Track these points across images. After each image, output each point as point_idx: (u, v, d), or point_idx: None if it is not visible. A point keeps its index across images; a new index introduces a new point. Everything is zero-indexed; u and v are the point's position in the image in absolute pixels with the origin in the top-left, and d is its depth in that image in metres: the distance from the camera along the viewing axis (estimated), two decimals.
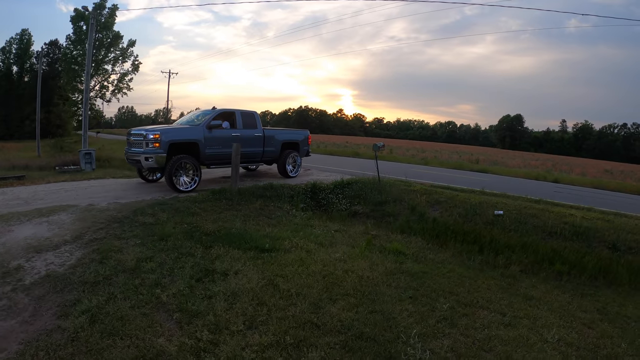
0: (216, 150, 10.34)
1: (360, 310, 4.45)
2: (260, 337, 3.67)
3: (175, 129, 10.35)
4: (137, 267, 5.07)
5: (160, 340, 3.60)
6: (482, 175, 19.66)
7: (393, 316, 4.42)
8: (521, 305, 5.35)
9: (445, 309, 4.81)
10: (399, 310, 4.59)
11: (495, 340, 4.25)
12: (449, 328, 4.36)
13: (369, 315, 4.35)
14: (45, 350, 3.48)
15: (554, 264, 7.48)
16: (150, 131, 9.61)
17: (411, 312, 4.58)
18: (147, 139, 9.40)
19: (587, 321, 5.12)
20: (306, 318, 4.08)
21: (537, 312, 5.22)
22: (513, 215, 9.37)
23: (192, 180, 9.84)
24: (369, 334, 3.97)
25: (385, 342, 3.88)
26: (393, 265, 6.19)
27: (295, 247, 6.44)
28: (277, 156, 12.33)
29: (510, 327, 4.62)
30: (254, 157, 11.80)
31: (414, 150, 42.14)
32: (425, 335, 4.14)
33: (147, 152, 9.36)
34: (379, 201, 10.56)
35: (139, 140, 9.65)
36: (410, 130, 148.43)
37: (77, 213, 7.23)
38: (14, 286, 4.55)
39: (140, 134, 9.66)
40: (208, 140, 10.20)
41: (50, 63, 58.04)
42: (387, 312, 4.49)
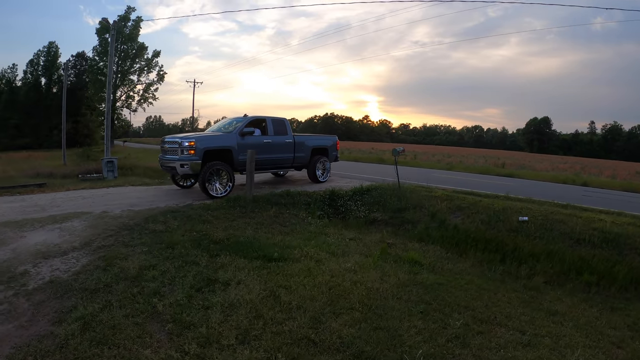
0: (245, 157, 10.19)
1: (364, 326, 4.14)
2: (250, 353, 3.45)
3: (210, 137, 10.50)
4: (139, 275, 4.97)
5: (147, 352, 3.44)
6: (508, 179, 18.91)
7: (399, 333, 4.08)
8: (544, 322, 4.90)
9: (458, 326, 4.41)
10: (407, 327, 4.25)
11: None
12: (460, 348, 3.98)
13: (372, 332, 4.03)
14: (33, 355, 3.43)
15: (581, 274, 7.00)
16: (185, 139, 9.80)
17: (420, 329, 4.23)
18: (183, 147, 9.58)
19: (616, 340, 4.64)
20: (303, 333, 3.82)
21: (561, 329, 4.76)
22: (539, 221, 8.83)
23: (225, 186, 9.99)
24: (370, 353, 3.67)
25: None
26: (407, 276, 5.83)
27: (305, 257, 6.20)
28: (307, 162, 12.53)
29: (529, 347, 4.20)
30: (284, 163, 11.97)
31: (440, 156, 41.25)
32: (433, 356, 3.80)
33: (183, 159, 9.54)
34: (398, 208, 10.24)
35: (174, 148, 9.82)
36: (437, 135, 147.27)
37: (89, 220, 7.26)
38: (16, 291, 4.55)
39: (176, 142, 9.84)
40: (241, 147, 10.30)
41: (77, 74, 60.01)
42: (392, 329, 4.15)
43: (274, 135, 11.47)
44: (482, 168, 24.36)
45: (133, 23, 47.17)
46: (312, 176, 12.77)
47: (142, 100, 51.43)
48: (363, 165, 23.46)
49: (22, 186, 12.84)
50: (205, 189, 9.67)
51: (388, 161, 25.26)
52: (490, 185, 14.69)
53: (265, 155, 11.02)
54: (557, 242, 8.07)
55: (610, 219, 8.80)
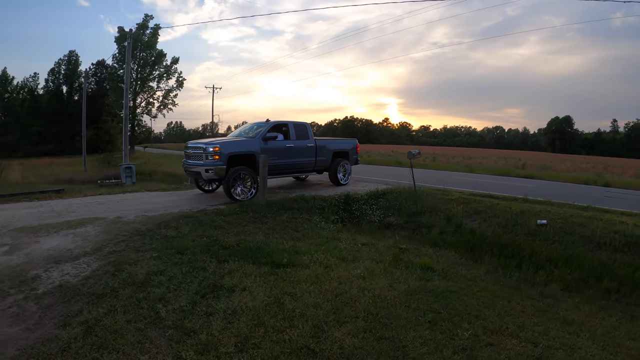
0: (272, 161, 10.50)
1: (367, 336, 4.01)
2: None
3: (234, 142, 10.64)
4: (146, 281, 4.99)
5: (145, 357, 3.44)
6: (527, 181, 18.51)
7: (403, 344, 3.92)
8: (558, 333, 4.63)
9: (467, 337, 4.20)
10: (412, 337, 4.08)
11: None
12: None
13: (375, 343, 3.90)
14: (35, 358, 3.48)
15: (601, 280, 6.76)
16: (209, 144, 9.92)
17: (426, 339, 4.06)
18: (207, 152, 9.73)
19: (635, 352, 4.38)
20: (303, 343, 3.74)
21: (577, 341, 4.48)
22: (558, 224, 8.58)
23: (249, 191, 10.18)
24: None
25: None
26: (417, 283, 5.64)
27: (314, 263, 6.12)
28: (329, 165, 12.78)
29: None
30: (306, 167, 12.18)
31: (460, 158, 40.88)
32: None
33: (207, 164, 9.73)
34: (413, 212, 10.15)
35: (199, 153, 9.99)
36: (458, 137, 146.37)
37: (103, 226, 7.36)
38: (26, 295, 4.62)
39: (200, 147, 10.00)
40: (264, 152, 10.41)
41: (98, 82, 61.71)
42: (397, 339, 4.00)
43: (295, 139, 11.65)
44: (501, 169, 23.91)
45: (151, 31, 48.21)
46: (334, 179, 13.03)
47: (161, 107, 52.49)
48: (381, 168, 23.32)
49: (41, 192, 13.15)
50: (230, 194, 9.85)
51: (405, 164, 25.01)
52: (510, 187, 14.38)
53: (287, 159, 11.33)
54: (576, 246, 7.82)
55: (633, 221, 8.51)
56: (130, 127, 48.87)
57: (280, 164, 11.03)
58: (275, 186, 12.57)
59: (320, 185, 13.07)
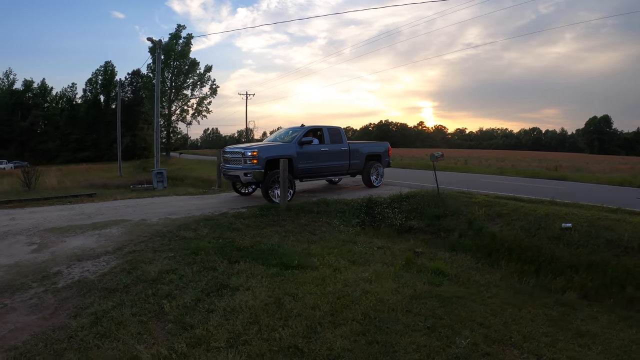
0: (307, 165, 11.19)
1: (359, 339, 3.99)
2: (233, 357, 3.52)
3: (271, 146, 11.03)
4: (158, 278, 5.23)
5: (141, 347, 3.63)
6: (558, 183, 17.89)
7: (395, 349, 3.85)
8: (568, 345, 4.34)
9: (464, 345, 4.02)
10: (406, 342, 3.99)
11: None
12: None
13: (366, 346, 3.86)
14: (44, 342, 3.77)
15: (625, 287, 6.35)
16: (248, 149, 10.41)
17: (420, 345, 3.95)
18: (246, 156, 10.21)
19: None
20: (293, 342, 3.80)
21: (587, 354, 4.19)
22: (583, 228, 8.22)
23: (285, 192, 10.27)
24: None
25: None
26: (425, 287, 5.53)
27: (323, 265, 6.18)
28: (362, 168, 13.14)
29: None
30: (341, 170, 12.53)
31: (493, 160, 39.79)
32: None
33: (246, 168, 10.21)
34: (435, 215, 10.04)
35: (237, 158, 10.49)
36: (494, 139, 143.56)
37: (127, 227, 7.72)
38: (46, 288, 4.97)
39: (239, 152, 10.50)
40: (300, 156, 10.98)
41: (134, 91, 64.22)
42: (389, 344, 3.94)
43: (330, 143, 12.04)
44: (532, 171, 22.99)
45: (184, 40, 49.56)
46: (367, 181, 13.40)
47: (196, 114, 53.76)
48: (410, 172, 23.08)
49: (74, 196, 13.88)
50: (268, 196, 10.27)
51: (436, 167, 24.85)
52: (539, 190, 13.90)
53: (323, 163, 11.75)
54: (602, 251, 7.46)
55: None
56: (166, 134, 50.42)
57: (316, 167, 11.50)
58: (302, 190, 12.75)
59: (346, 189, 13.18)
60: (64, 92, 71.85)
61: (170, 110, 51.21)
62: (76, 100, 71.10)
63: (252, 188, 11.97)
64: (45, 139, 63.43)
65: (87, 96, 68.62)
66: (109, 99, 66.60)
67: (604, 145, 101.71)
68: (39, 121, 66.05)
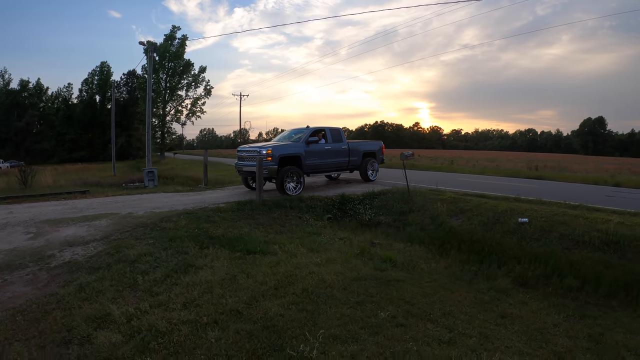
0: (314, 162, 12.81)
1: (292, 307, 4.71)
2: (183, 315, 4.40)
3: (282, 145, 12.49)
4: (136, 260, 6.11)
5: (114, 307, 4.54)
6: (534, 181, 18.12)
7: (319, 317, 4.50)
8: (485, 323, 4.72)
9: (384, 317, 4.57)
10: (332, 312, 4.63)
11: (412, 356, 3.84)
12: (369, 335, 4.16)
13: (295, 313, 4.54)
14: (37, 304, 4.69)
15: (565, 277, 6.75)
16: (263, 148, 11.85)
17: (343, 315, 4.57)
18: (261, 154, 11.32)
19: (562, 349, 4.31)
20: (235, 307, 4.63)
21: (500, 331, 4.55)
22: (539, 223, 8.72)
23: (296, 186, 12.05)
24: (279, 327, 4.24)
25: (288, 337, 4.04)
26: (370, 272, 6.13)
27: (283, 252, 6.95)
28: (359, 164, 14.73)
29: (446, 344, 4.12)
30: (341, 166, 14.11)
31: (483, 161, 39.84)
32: (335, 337, 4.08)
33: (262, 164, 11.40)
34: (402, 211, 10.76)
35: (253, 155, 11.68)
36: (489, 140, 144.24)
37: (114, 219, 8.57)
38: (41, 267, 5.86)
39: (255, 150, 11.82)
40: (307, 154, 12.53)
41: (129, 91, 64.76)
42: (317, 313, 4.57)
43: (332, 142, 13.60)
44: (512, 171, 23.19)
45: (179, 42, 50.01)
46: (364, 176, 15.06)
47: (190, 114, 54.24)
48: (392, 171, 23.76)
49: (68, 193, 14.69)
50: (282, 189, 11.70)
51: (419, 167, 25.51)
52: (511, 188, 14.16)
53: (326, 159, 13.34)
54: (552, 244, 7.95)
55: (620, 219, 8.40)
56: (160, 135, 51.01)
57: (320, 163, 13.11)
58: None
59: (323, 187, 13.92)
60: (60, 92, 72.47)
61: (165, 110, 51.85)
62: (72, 100, 71.67)
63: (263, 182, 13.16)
64: (41, 139, 63.95)
65: (82, 96, 69.22)
66: (105, 99, 67.05)
67: (598, 146, 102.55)
68: (34, 121, 66.45)
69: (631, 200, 11.96)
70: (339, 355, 3.74)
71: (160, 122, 51.00)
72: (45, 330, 4.11)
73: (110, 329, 4.10)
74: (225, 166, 29.63)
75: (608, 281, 6.45)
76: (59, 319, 4.34)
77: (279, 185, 11.75)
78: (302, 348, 3.76)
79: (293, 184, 11.98)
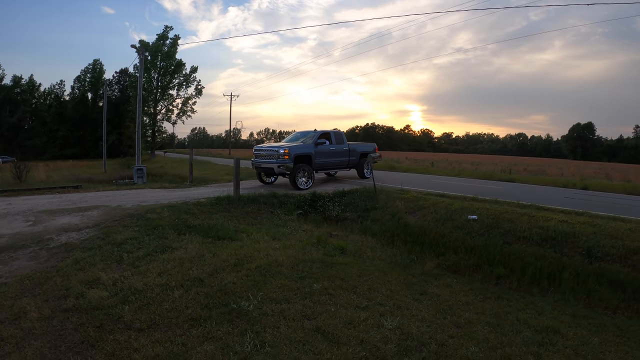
0: (321, 160, 15.10)
1: (244, 278, 5.84)
2: (156, 280, 5.65)
3: (297, 146, 14.67)
4: (123, 242, 7.32)
5: (102, 274, 5.80)
6: (503, 184, 18.80)
7: (265, 285, 5.56)
8: (403, 297, 5.55)
9: (317, 288, 5.57)
10: (276, 283, 5.68)
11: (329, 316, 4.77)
12: (300, 299, 5.19)
13: (245, 282, 5.66)
14: (40, 272, 5.92)
15: (496, 266, 7.44)
16: (280, 147, 14.10)
17: (284, 285, 5.65)
18: (279, 153, 13.83)
19: (463, 321, 5.00)
20: (199, 276, 5.84)
21: (412, 304, 5.36)
22: (487, 220, 9.47)
23: (307, 181, 14.22)
24: (230, 290, 5.37)
25: (235, 297, 5.14)
26: (320, 256, 7.06)
27: (249, 239, 8.09)
28: (357, 163, 17.07)
29: (360, 309, 5.03)
30: (342, 164, 16.44)
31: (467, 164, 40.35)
32: (272, 299, 5.14)
33: (279, 162, 13.84)
34: (367, 208, 11.79)
35: (272, 154, 14.09)
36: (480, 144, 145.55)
37: (105, 210, 9.69)
38: (41, 247, 7.04)
39: (274, 149, 14.11)
40: (317, 153, 14.84)
41: (121, 89, 65.24)
42: (262, 282, 5.65)
43: (335, 144, 15.83)
44: (486, 174, 23.66)
45: (171, 41, 50.80)
46: (361, 174, 17.36)
47: (181, 114, 55.01)
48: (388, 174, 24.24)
49: (61, 187, 15.75)
50: (295, 183, 13.83)
51: (398, 168, 26.48)
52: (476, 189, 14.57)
53: (331, 159, 15.59)
54: (495, 239, 8.66)
55: (563, 218, 9.05)
56: (151, 133, 51.82)
57: (326, 162, 15.32)
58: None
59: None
60: (52, 88, 72.63)
61: (156, 109, 52.64)
62: (64, 97, 71.76)
63: (274, 178, 15.91)
64: (33, 135, 64.17)
65: (75, 93, 69.51)
66: (97, 96, 67.28)
67: (587, 151, 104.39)
68: (26, 117, 66.67)
69: (587, 202, 12.55)
70: (271, 310, 4.85)
71: (151, 121, 51.82)
72: (47, 289, 5.34)
73: (99, 288, 5.33)
74: (213, 165, 30.66)
75: (532, 271, 7.11)
76: (59, 282, 5.55)
77: (292, 180, 13.84)
78: (243, 304, 4.96)
79: (304, 179, 14.09)
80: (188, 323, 4.52)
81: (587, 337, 4.90)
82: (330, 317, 4.74)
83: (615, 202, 13.24)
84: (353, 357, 3.98)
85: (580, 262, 7.49)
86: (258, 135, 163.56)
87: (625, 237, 7.84)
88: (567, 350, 4.47)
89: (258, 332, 4.32)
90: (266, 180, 15.79)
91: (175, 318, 4.62)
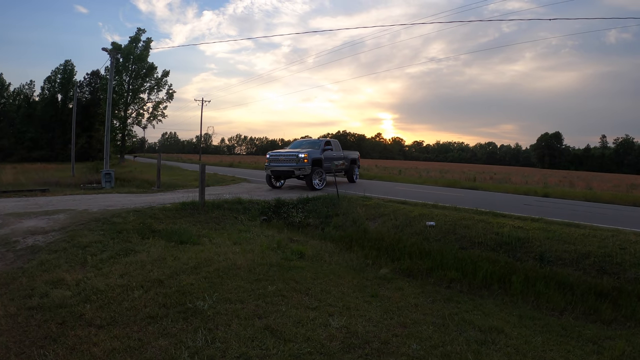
0: (327, 164, 17.37)
1: (202, 280, 6.21)
2: (118, 281, 6.04)
3: (311, 151, 16.97)
4: (88, 245, 7.66)
5: (66, 275, 6.17)
6: (465, 191, 19.73)
7: (221, 286, 5.89)
8: (353, 299, 5.83)
9: (271, 289, 5.89)
10: (232, 284, 6.05)
11: (279, 316, 5.06)
12: (254, 300, 5.53)
13: (202, 283, 5.99)
14: (6, 273, 6.23)
15: (449, 270, 7.78)
16: (299, 152, 16.22)
17: (239, 286, 5.98)
18: (299, 157, 16.04)
19: (409, 321, 5.25)
20: (159, 277, 6.23)
21: (362, 305, 5.64)
22: (445, 226, 9.86)
23: (321, 182, 16.81)
24: (188, 291, 5.70)
25: (192, 297, 5.50)
26: (277, 260, 7.36)
27: (210, 243, 8.50)
28: (348, 168, 20.37)
29: (310, 310, 5.31)
30: (340, 168, 18.98)
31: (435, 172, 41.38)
32: (227, 299, 5.46)
33: (299, 165, 16.04)
34: (329, 214, 12.34)
35: (292, 158, 16.24)
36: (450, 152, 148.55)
37: (71, 214, 9.91)
38: (8, 249, 7.30)
39: (293, 154, 16.29)
40: (325, 158, 17.40)
41: (92, 92, 64.19)
42: (219, 284, 5.98)
43: (335, 150, 18.84)
44: (450, 181, 25.07)
45: (143, 44, 50.51)
46: (350, 178, 21.02)
47: (151, 118, 54.61)
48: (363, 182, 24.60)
49: (29, 190, 15.76)
50: (311, 184, 16.32)
51: (365, 176, 27.04)
52: (438, 196, 15.21)
53: (332, 163, 17.68)
54: (450, 244, 9.07)
55: (520, 224, 9.52)
56: (121, 137, 51.26)
57: (329, 166, 17.30)
58: None
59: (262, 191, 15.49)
60: (22, 88, 70.76)
61: (127, 113, 52.13)
62: (34, 97, 70.10)
63: (282, 182, 18.22)
64: (0, 136, 62.57)
65: (44, 94, 67.82)
66: (67, 98, 65.80)
67: (555, 160, 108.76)
68: None
69: (545, 209, 13.16)
70: (224, 310, 5.19)
71: (121, 125, 51.22)
72: (13, 289, 5.68)
73: (63, 288, 5.71)
74: (182, 170, 30.77)
75: (483, 274, 7.45)
76: (24, 282, 5.90)
77: (308, 181, 16.31)
78: (199, 304, 5.38)
79: (318, 180, 16.65)
80: (145, 321, 4.92)
81: (530, 336, 5.15)
82: (281, 317, 5.03)
83: (575, 208, 13.90)
84: (298, 352, 4.25)
85: (532, 266, 7.85)
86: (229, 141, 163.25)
87: (578, 242, 8.30)
88: (508, 349, 4.68)
89: (210, 329, 4.73)
90: (276, 185, 17.87)
91: (133, 316, 5.02)
